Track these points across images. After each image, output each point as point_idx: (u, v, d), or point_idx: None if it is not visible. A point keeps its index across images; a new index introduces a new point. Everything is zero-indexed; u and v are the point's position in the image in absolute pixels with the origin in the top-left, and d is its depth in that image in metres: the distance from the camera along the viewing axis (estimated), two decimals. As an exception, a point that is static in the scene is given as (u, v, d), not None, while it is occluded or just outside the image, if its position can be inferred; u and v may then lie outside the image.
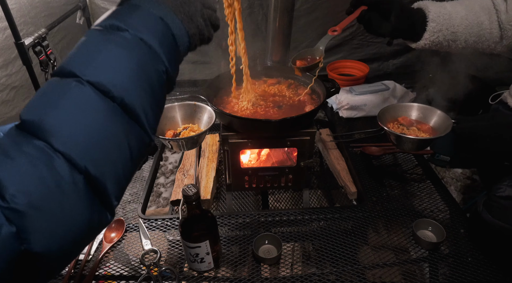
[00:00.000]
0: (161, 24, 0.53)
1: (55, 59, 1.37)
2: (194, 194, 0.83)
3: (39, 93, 0.46)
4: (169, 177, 1.37)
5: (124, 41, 0.50)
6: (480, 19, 1.03)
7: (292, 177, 1.19)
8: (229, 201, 1.23)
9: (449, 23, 1.03)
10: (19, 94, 1.71)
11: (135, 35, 0.50)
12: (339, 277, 0.94)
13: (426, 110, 1.09)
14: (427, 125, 1.07)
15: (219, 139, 1.39)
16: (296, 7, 1.98)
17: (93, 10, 2.02)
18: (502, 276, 0.92)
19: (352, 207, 1.18)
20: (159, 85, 0.53)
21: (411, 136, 1.03)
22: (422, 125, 1.08)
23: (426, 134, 1.05)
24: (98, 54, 0.48)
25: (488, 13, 1.03)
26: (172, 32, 0.54)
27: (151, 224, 1.11)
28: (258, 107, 1.14)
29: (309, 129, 1.10)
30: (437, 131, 1.04)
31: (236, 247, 1.03)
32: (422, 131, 1.06)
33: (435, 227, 1.03)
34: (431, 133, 1.05)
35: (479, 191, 1.67)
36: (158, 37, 0.52)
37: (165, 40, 0.53)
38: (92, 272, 0.96)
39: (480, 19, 1.03)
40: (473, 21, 1.03)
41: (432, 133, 1.05)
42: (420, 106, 1.11)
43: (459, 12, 1.03)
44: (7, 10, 1.11)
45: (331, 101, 1.66)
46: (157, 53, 0.52)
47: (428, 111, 1.09)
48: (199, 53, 2.14)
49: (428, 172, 1.30)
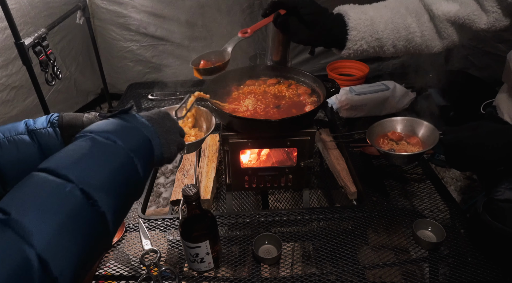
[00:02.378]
0: (148, 145, 0.64)
1: (55, 59, 1.37)
2: (194, 194, 0.83)
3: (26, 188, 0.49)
4: (169, 177, 1.37)
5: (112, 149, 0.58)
6: (406, 22, 0.96)
7: (292, 177, 1.19)
8: (229, 201, 1.23)
9: (372, 30, 0.96)
10: (19, 94, 1.71)
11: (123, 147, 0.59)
12: (339, 277, 0.94)
13: (414, 122, 1.08)
14: (416, 138, 1.06)
15: (219, 139, 1.39)
16: (296, 7, 1.98)
17: (93, 10, 2.02)
18: (502, 276, 0.92)
19: (352, 207, 1.18)
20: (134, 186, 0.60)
21: (400, 152, 1.01)
22: (411, 138, 1.07)
23: (415, 148, 1.04)
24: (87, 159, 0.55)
25: (416, 15, 0.96)
26: (153, 151, 0.66)
27: (151, 224, 1.11)
28: (257, 107, 1.13)
29: (309, 129, 1.10)
30: (426, 143, 1.03)
31: (236, 247, 1.03)
32: (412, 145, 1.05)
33: (435, 227, 1.03)
34: (420, 146, 1.04)
35: (479, 191, 1.67)
36: (143, 156, 0.62)
37: (147, 158, 0.63)
38: (92, 272, 0.96)
39: (407, 22, 0.96)
40: (399, 24, 0.96)
41: (422, 146, 1.04)
42: (407, 119, 1.10)
43: (383, 16, 0.96)
44: (7, 10, 1.12)
45: (331, 101, 1.66)
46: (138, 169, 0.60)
47: (416, 123, 1.07)
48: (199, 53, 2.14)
49: (428, 172, 1.30)
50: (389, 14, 0.97)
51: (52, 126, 0.77)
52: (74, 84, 2.11)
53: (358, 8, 0.98)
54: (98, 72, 2.12)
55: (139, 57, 2.18)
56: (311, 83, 1.23)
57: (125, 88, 2.02)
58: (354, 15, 0.96)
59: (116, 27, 2.08)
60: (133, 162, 0.59)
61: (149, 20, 2.05)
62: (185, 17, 2.04)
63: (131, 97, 1.88)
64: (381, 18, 0.97)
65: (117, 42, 2.14)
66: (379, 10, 0.98)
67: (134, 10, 2.02)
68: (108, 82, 2.17)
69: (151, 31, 2.09)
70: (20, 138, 0.74)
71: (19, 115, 1.71)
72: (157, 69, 2.24)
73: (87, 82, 2.22)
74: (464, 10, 0.92)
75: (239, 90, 1.23)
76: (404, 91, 1.68)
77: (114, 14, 2.04)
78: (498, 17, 0.92)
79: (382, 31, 0.97)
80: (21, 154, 0.74)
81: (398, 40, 0.98)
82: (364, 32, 0.96)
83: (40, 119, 0.78)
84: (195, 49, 2.11)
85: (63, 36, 1.94)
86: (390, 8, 0.99)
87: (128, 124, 0.64)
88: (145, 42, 2.14)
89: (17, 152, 0.74)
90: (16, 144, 0.74)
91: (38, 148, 0.75)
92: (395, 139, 1.08)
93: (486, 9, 0.91)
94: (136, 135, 0.63)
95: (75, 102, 2.17)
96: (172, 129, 0.72)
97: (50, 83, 1.38)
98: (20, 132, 0.75)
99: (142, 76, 2.26)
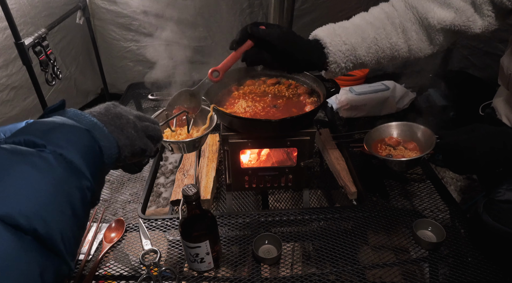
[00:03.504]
0: (86, 137, 0.51)
1: (55, 59, 1.37)
2: (194, 194, 0.83)
3: None
4: (169, 177, 1.37)
5: (39, 160, 0.44)
6: (392, 41, 0.96)
7: (292, 177, 1.19)
8: (229, 201, 1.23)
9: (354, 57, 0.95)
10: (19, 94, 1.71)
11: (53, 151, 0.46)
12: (339, 277, 0.94)
13: (411, 127, 1.07)
14: (413, 143, 1.06)
15: (219, 139, 1.39)
16: (296, 7, 1.98)
17: (93, 10, 2.02)
18: (502, 276, 0.92)
19: (352, 207, 1.18)
20: (81, 203, 0.48)
21: (397, 158, 1.01)
22: (408, 143, 1.06)
23: (413, 153, 1.04)
24: (5, 180, 0.41)
25: (403, 30, 0.96)
26: (99, 143, 0.53)
27: (151, 224, 1.11)
28: (254, 108, 1.13)
29: (309, 129, 1.10)
30: (424, 147, 1.02)
31: (236, 247, 1.03)
32: (409, 150, 1.05)
33: (435, 227, 1.03)
34: (418, 151, 1.04)
35: (479, 191, 1.67)
36: (80, 151, 0.49)
37: (89, 153, 0.51)
38: (92, 272, 0.96)
39: (392, 41, 0.96)
40: (384, 44, 0.95)
41: (419, 150, 1.04)
42: (403, 124, 1.09)
43: (365, 39, 0.94)
44: (7, 10, 1.11)
45: (331, 101, 1.66)
46: (79, 169, 0.48)
47: (412, 128, 1.07)
48: (199, 53, 2.14)
49: (428, 172, 1.30)
50: (372, 35, 0.95)
51: None
52: (74, 84, 2.11)
53: (338, 37, 0.93)
54: (98, 72, 2.12)
55: (139, 57, 2.19)
56: (311, 83, 1.23)
57: (125, 88, 2.03)
58: (333, 49, 0.93)
59: (116, 27, 2.09)
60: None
61: (149, 20, 2.06)
62: (185, 17, 2.05)
63: (131, 97, 1.88)
64: (364, 42, 0.94)
65: (117, 42, 2.14)
66: (362, 32, 0.95)
67: (134, 10, 2.02)
68: (108, 82, 2.18)
69: (151, 31, 2.09)
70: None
71: (19, 115, 1.71)
72: (157, 69, 2.24)
73: (87, 82, 2.22)
74: (460, 17, 0.92)
75: (239, 90, 1.23)
76: (404, 91, 1.68)
77: (114, 14, 2.04)
78: (491, 21, 0.92)
79: (365, 56, 0.96)
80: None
81: (383, 59, 0.98)
82: (345, 62, 0.95)
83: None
84: (195, 49, 2.11)
85: (63, 36, 1.94)
86: (374, 26, 0.96)
87: (58, 123, 0.51)
88: (145, 42, 2.14)
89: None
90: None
91: None
92: (393, 144, 1.07)
93: (483, 13, 0.91)
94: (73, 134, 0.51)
95: (75, 102, 2.18)
96: (128, 121, 0.60)
97: (50, 83, 1.38)
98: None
99: (142, 76, 2.26)
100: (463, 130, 0.92)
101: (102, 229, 1.10)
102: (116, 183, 1.31)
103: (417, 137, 1.06)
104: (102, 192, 1.27)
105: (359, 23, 0.97)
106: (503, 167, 0.87)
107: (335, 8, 2.06)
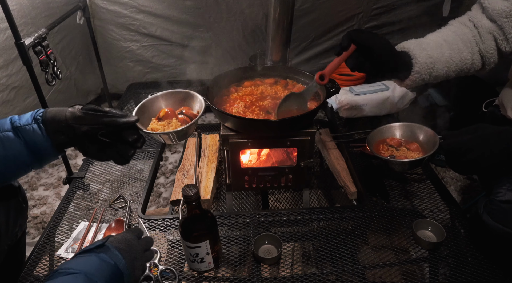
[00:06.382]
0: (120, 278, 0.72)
1: (55, 59, 1.37)
2: (194, 194, 0.83)
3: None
4: (169, 177, 1.37)
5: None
6: (463, 56, 1.01)
7: (292, 177, 1.19)
8: (229, 201, 1.23)
9: (432, 70, 1.01)
10: (19, 94, 1.71)
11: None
12: (339, 277, 0.94)
13: (413, 128, 1.07)
14: (415, 144, 1.05)
15: (219, 139, 1.39)
16: (296, 7, 1.98)
17: (93, 10, 2.02)
18: (502, 276, 0.92)
19: (352, 207, 1.18)
20: None
21: (400, 159, 1.00)
22: (410, 144, 1.05)
23: (415, 153, 1.03)
24: None
25: (470, 46, 1.02)
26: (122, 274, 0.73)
27: (151, 224, 1.11)
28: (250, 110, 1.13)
29: (309, 129, 1.10)
30: (426, 148, 1.02)
31: (236, 247, 1.04)
32: (411, 151, 1.04)
33: (435, 227, 1.03)
34: (420, 152, 1.03)
35: (479, 191, 1.67)
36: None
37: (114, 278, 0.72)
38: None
39: (463, 56, 1.01)
40: (457, 59, 1.02)
41: (422, 151, 1.03)
42: (406, 124, 1.09)
43: (443, 55, 1.01)
44: (7, 10, 1.11)
45: (331, 101, 1.66)
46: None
47: (415, 128, 1.07)
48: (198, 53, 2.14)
49: (428, 172, 1.30)
50: (447, 53, 1.01)
51: (36, 122, 0.76)
52: (74, 84, 2.11)
53: (424, 51, 1.00)
54: (98, 72, 2.12)
55: (139, 57, 2.19)
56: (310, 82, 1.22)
57: (125, 88, 2.03)
58: (421, 59, 0.99)
59: (116, 27, 2.09)
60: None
61: (149, 20, 2.06)
62: (185, 17, 2.05)
63: (131, 97, 1.88)
64: (442, 57, 1.00)
65: (117, 42, 2.14)
66: (440, 48, 1.01)
67: (134, 10, 2.02)
68: (108, 82, 2.17)
69: (151, 31, 2.09)
70: (5, 135, 0.74)
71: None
72: (157, 69, 2.24)
73: (87, 82, 2.22)
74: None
75: (238, 91, 1.23)
76: (404, 91, 1.68)
77: (114, 14, 2.04)
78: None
79: (441, 69, 1.02)
80: (7, 151, 0.74)
81: (453, 72, 1.04)
82: (425, 74, 1.01)
83: (26, 115, 0.77)
84: (195, 49, 2.11)
85: (63, 36, 1.94)
86: (449, 43, 1.02)
87: (105, 263, 0.71)
88: (145, 42, 2.14)
89: (3, 149, 0.74)
90: (2, 141, 0.74)
91: (25, 145, 0.75)
92: (395, 145, 1.07)
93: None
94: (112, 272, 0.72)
95: (75, 102, 2.17)
96: (138, 254, 0.79)
97: (50, 83, 1.38)
98: (5, 129, 0.75)
99: (142, 76, 2.26)
100: (466, 130, 0.91)
101: (102, 229, 1.10)
102: (116, 183, 1.31)
103: (419, 137, 1.06)
104: (102, 192, 1.27)
105: (437, 40, 1.04)
106: (506, 167, 0.87)
107: (335, 8, 2.05)
